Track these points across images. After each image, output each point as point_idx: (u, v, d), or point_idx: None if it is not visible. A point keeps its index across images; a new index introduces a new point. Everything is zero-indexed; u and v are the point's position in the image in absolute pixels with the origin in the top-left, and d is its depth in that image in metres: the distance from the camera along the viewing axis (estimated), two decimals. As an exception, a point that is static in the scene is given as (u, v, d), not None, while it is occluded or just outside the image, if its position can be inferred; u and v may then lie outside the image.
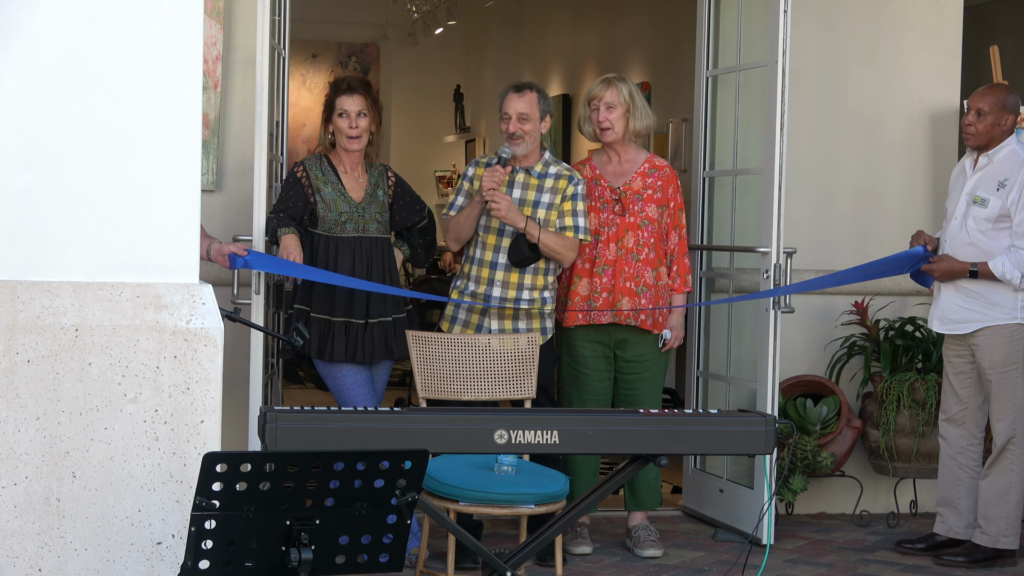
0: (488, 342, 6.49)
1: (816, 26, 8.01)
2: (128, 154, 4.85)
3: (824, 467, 7.55)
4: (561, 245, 6.78)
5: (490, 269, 6.83)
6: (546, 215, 6.82)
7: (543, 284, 6.86)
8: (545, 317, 6.90)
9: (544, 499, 5.76)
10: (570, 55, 13.76)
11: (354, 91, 6.72)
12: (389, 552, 4.43)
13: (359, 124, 6.71)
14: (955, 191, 7.09)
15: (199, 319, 4.81)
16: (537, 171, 6.88)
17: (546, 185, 6.86)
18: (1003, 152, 6.95)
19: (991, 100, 6.93)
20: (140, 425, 4.75)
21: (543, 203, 6.83)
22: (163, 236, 4.87)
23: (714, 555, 7.11)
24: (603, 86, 7.10)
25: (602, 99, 7.08)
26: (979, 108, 6.94)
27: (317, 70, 16.43)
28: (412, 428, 4.93)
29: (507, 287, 6.81)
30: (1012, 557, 7.01)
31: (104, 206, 4.82)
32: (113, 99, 4.83)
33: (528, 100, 6.84)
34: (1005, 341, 6.88)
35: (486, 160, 6.96)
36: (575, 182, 6.87)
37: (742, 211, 7.70)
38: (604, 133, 7.09)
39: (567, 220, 6.82)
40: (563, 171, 6.91)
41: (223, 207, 7.27)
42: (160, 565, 4.76)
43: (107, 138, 4.83)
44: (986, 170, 6.95)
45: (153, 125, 4.87)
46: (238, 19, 7.30)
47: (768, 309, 7.22)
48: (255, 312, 6.60)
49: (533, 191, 6.86)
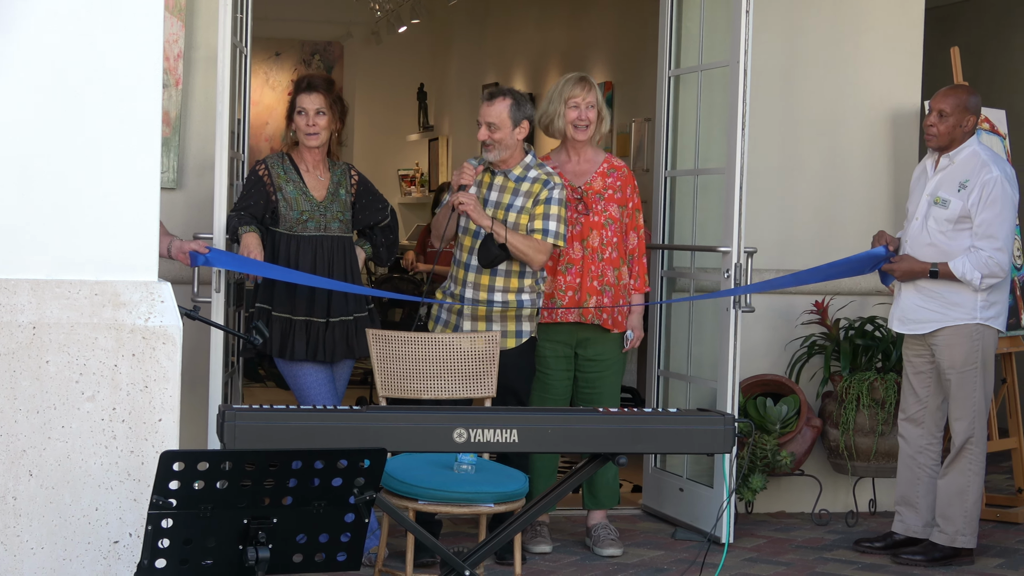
0: (450, 341, 6.49)
1: (778, 27, 8.04)
2: (87, 151, 4.83)
3: (783, 466, 7.58)
4: (528, 247, 6.77)
5: (464, 270, 6.84)
6: (516, 218, 6.81)
7: (517, 287, 6.84)
8: (523, 320, 6.89)
9: (503, 498, 5.76)
10: (534, 54, 13.77)
11: (313, 89, 6.72)
12: (347, 551, 4.43)
13: (317, 122, 6.70)
14: (916, 192, 7.12)
15: (158, 317, 4.80)
16: (515, 175, 6.88)
17: (522, 189, 6.85)
18: (964, 153, 6.98)
19: (953, 101, 6.96)
20: (98, 423, 4.73)
21: (515, 206, 6.83)
22: (122, 234, 4.85)
23: (673, 554, 7.13)
24: (581, 85, 7.12)
25: (584, 98, 7.10)
26: (941, 109, 6.96)
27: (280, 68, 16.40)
28: (371, 427, 4.93)
29: (478, 289, 6.81)
30: (969, 556, 7.05)
31: (62, 203, 4.80)
32: (72, 96, 4.81)
33: (498, 109, 6.82)
34: (965, 341, 6.92)
35: (475, 161, 6.98)
36: (551, 187, 6.85)
37: (704, 211, 7.72)
38: (579, 131, 7.10)
39: (537, 223, 6.82)
40: (541, 175, 6.89)
41: (184, 205, 7.25)
42: (117, 564, 4.74)
43: (66, 135, 4.81)
44: (947, 171, 6.98)
45: (112, 122, 4.85)
46: (200, 16, 7.28)
47: (729, 308, 7.24)
48: (215, 310, 6.59)
49: (508, 194, 6.86)
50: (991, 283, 6.85)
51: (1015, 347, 8.18)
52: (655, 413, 5.19)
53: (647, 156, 10.79)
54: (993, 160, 6.95)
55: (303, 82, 6.79)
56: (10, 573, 4.67)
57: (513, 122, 6.84)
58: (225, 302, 6.68)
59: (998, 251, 6.81)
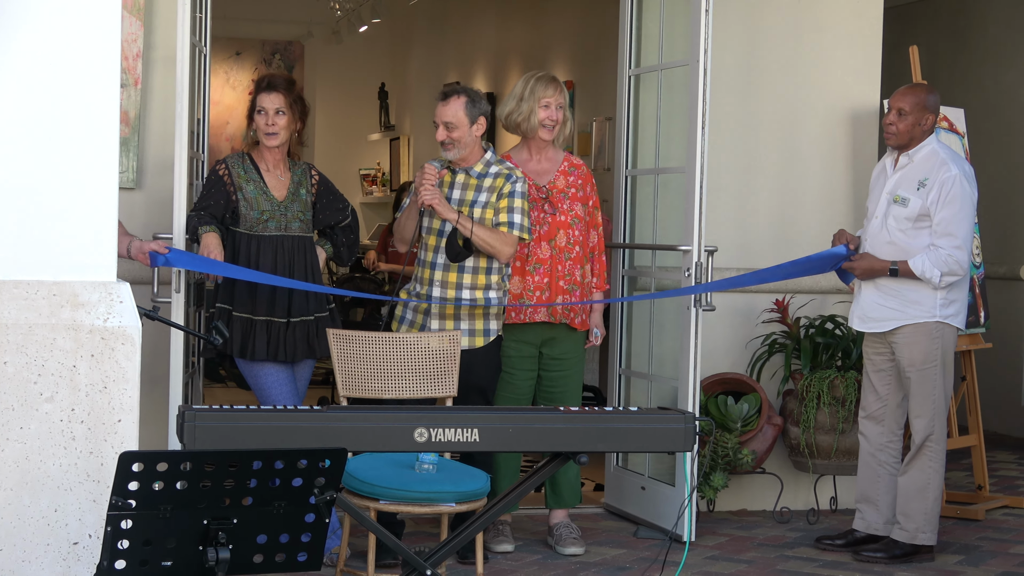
0: (412, 340, 6.48)
1: (737, 25, 8.05)
2: (45, 151, 4.81)
3: (745, 464, 7.60)
4: (495, 239, 6.77)
5: (430, 269, 6.83)
6: (481, 213, 6.81)
7: (484, 283, 6.84)
8: (490, 318, 6.88)
9: (465, 497, 5.76)
10: (495, 53, 13.77)
11: (273, 89, 6.70)
12: (307, 551, 4.42)
13: (276, 122, 6.69)
14: (876, 190, 7.14)
15: (116, 317, 4.78)
16: (476, 171, 6.87)
17: (485, 184, 6.86)
18: (923, 152, 7.00)
19: (912, 100, 6.99)
20: (56, 424, 4.71)
21: (479, 202, 6.83)
22: (80, 234, 4.83)
23: (635, 552, 7.13)
24: (555, 86, 7.15)
25: (556, 99, 7.12)
26: (900, 108, 6.99)
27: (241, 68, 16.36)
28: (332, 427, 4.92)
29: (446, 287, 6.80)
30: (930, 553, 7.07)
31: (20, 203, 4.78)
32: (29, 95, 4.79)
33: (453, 108, 6.81)
34: (924, 339, 6.94)
35: (437, 163, 6.97)
36: (513, 180, 6.86)
37: (664, 209, 7.73)
38: (549, 131, 7.12)
39: (502, 216, 6.82)
40: (503, 170, 6.90)
41: (143, 205, 7.22)
42: (77, 565, 4.72)
43: (23, 135, 4.79)
44: (906, 170, 7.01)
45: (70, 122, 4.83)
46: (159, 16, 7.25)
47: (689, 307, 7.25)
48: (175, 310, 6.57)
49: (472, 191, 6.85)
50: (950, 281, 6.88)
51: (974, 345, 8.22)
52: (616, 412, 5.20)
53: (608, 155, 10.80)
54: (952, 158, 6.98)
55: (263, 81, 6.78)
56: (-32, 575, 4.65)
57: (470, 119, 6.84)
58: (185, 302, 6.65)
59: (957, 249, 6.84)
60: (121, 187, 5.03)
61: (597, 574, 6.74)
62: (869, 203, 7.18)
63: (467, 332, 6.76)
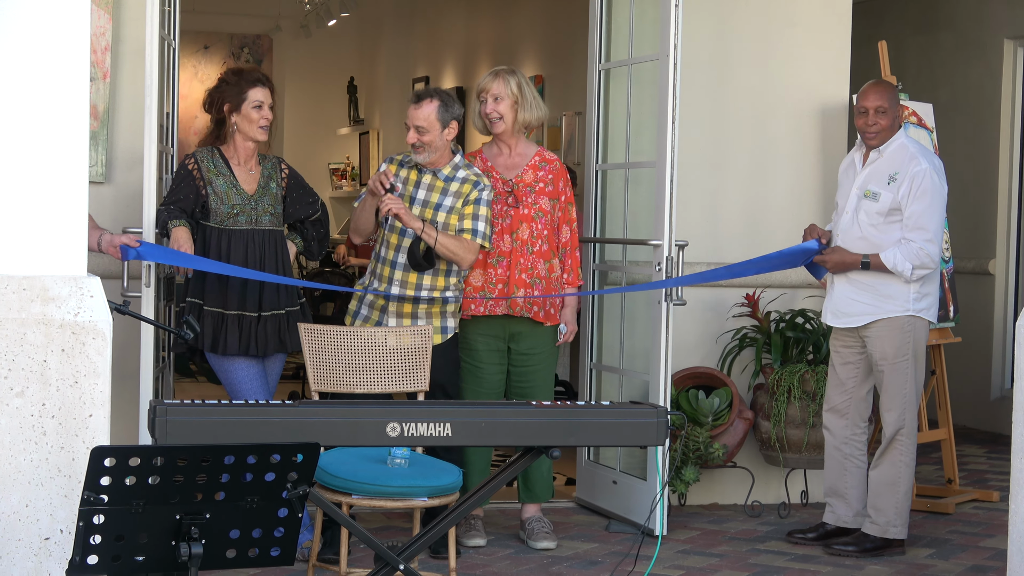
0: (383, 335, 6.46)
1: (707, 20, 8.06)
2: (13, 145, 4.78)
3: (716, 458, 7.61)
4: (458, 247, 6.77)
5: (391, 268, 6.82)
6: (446, 218, 6.80)
7: (443, 285, 6.84)
8: (447, 316, 6.89)
9: (437, 492, 5.75)
10: (464, 48, 13.76)
11: (266, 84, 6.75)
12: (280, 545, 4.41)
13: (269, 116, 6.73)
14: (845, 184, 7.15)
15: (87, 312, 4.75)
16: (444, 174, 6.86)
17: (451, 188, 6.84)
18: (893, 146, 7.02)
19: (887, 95, 7.01)
20: (27, 419, 4.68)
21: (444, 206, 6.82)
22: (50, 228, 4.80)
23: (607, 546, 7.14)
24: (491, 78, 7.13)
25: (490, 91, 7.11)
26: (879, 106, 6.98)
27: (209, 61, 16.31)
28: (304, 421, 4.90)
29: (405, 287, 6.80)
30: (901, 546, 7.10)
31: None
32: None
33: (426, 112, 6.79)
34: (897, 333, 6.96)
35: (400, 158, 6.94)
36: (480, 188, 6.86)
37: (634, 204, 7.73)
38: (493, 124, 7.11)
39: (466, 223, 6.82)
40: (471, 176, 6.89)
41: (112, 199, 7.19)
42: (48, 561, 4.70)
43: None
44: (876, 164, 7.02)
45: (38, 115, 4.80)
46: (127, 9, 7.22)
47: (660, 301, 7.25)
48: (145, 305, 6.54)
49: (437, 193, 6.84)
50: (922, 274, 6.90)
51: (944, 339, 8.25)
52: (588, 406, 5.19)
53: (578, 150, 10.80)
54: (921, 152, 7.00)
55: (253, 76, 6.76)
56: (-62, 571, 4.62)
57: (442, 124, 6.82)
58: (155, 296, 6.63)
59: (928, 242, 6.86)
60: (90, 181, 4.99)
61: (569, 568, 6.74)
62: (839, 197, 7.19)
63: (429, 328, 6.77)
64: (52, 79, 4.81)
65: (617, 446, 7.35)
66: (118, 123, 7.25)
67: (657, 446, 5.63)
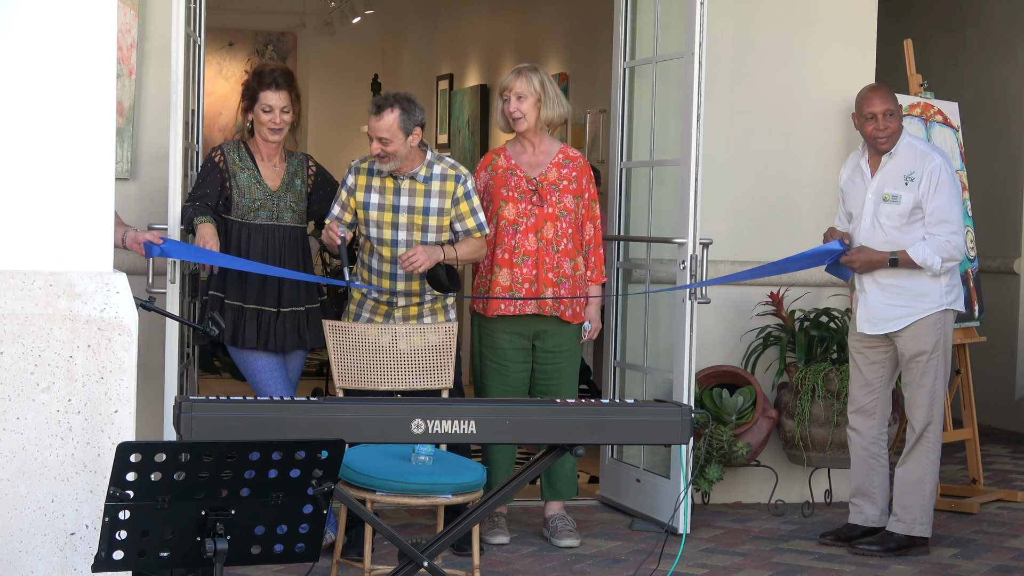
0: (405, 332, 6.47)
1: (732, 18, 8.05)
2: (41, 142, 4.79)
3: (740, 457, 7.60)
4: (473, 251, 6.81)
5: (391, 280, 6.78)
6: (438, 221, 6.77)
7: None
8: (449, 309, 6.89)
9: (461, 489, 5.75)
10: (487, 45, 13.76)
11: (280, 87, 6.69)
12: (305, 542, 4.41)
13: (283, 119, 6.71)
14: (855, 193, 7.10)
15: (113, 308, 4.76)
16: (422, 175, 6.74)
17: (433, 188, 6.76)
18: (901, 147, 7.01)
19: (891, 98, 7.02)
20: (53, 415, 4.69)
21: (433, 209, 6.75)
22: (76, 224, 4.81)
23: (631, 544, 7.13)
24: (514, 76, 7.10)
25: (512, 89, 7.08)
26: (887, 109, 6.97)
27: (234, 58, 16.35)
28: (329, 418, 4.92)
29: (410, 296, 6.78)
30: (925, 546, 7.08)
31: (15, 194, 4.76)
32: (25, 85, 4.77)
33: (387, 122, 6.60)
34: (931, 329, 6.95)
35: (366, 165, 6.80)
36: (462, 180, 6.78)
37: (659, 202, 7.72)
38: (516, 123, 7.09)
39: (468, 222, 6.79)
40: (448, 170, 6.78)
41: (138, 195, 7.21)
42: (74, 556, 4.71)
43: (19, 125, 4.77)
44: (888, 167, 7.01)
45: (66, 113, 4.81)
46: (153, 6, 7.24)
47: (685, 300, 7.24)
48: (171, 301, 6.55)
49: (421, 197, 6.76)
50: (950, 266, 6.92)
51: (969, 338, 8.23)
52: (612, 404, 5.19)
53: (602, 148, 10.79)
54: (931, 148, 7.06)
55: (268, 78, 6.73)
56: (-35, 566, 4.64)
57: (404, 132, 6.62)
58: (181, 293, 6.64)
59: (954, 234, 6.87)
60: (116, 178, 5.00)
61: (593, 566, 6.74)
62: (850, 207, 7.12)
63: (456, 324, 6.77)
64: (78, 76, 4.82)
65: (641, 444, 7.35)
66: (143, 120, 7.27)
67: (681, 444, 5.64)
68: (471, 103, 13.66)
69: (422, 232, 6.73)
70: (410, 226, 6.73)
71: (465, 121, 13.90)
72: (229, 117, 15.80)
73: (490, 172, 7.11)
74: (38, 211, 4.79)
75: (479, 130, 13.45)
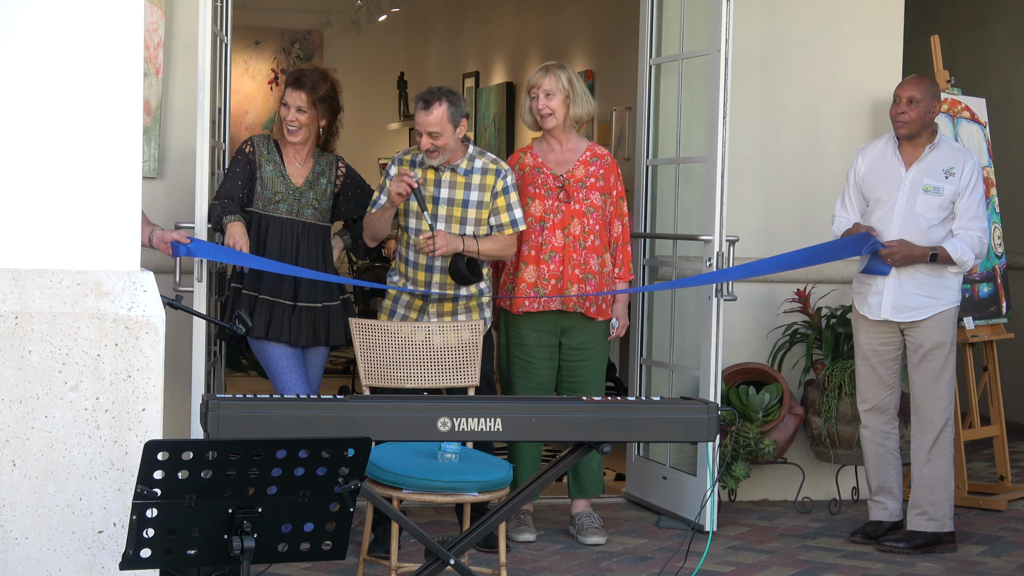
0: (431, 330, 6.48)
1: (758, 15, 8.04)
2: (68, 141, 4.81)
3: (766, 454, 7.59)
4: (499, 247, 6.80)
5: (426, 272, 6.79)
6: (477, 214, 6.78)
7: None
8: (484, 308, 6.90)
9: (487, 487, 5.75)
10: (514, 43, 13.76)
11: (299, 87, 6.74)
12: (332, 540, 4.43)
13: (297, 119, 6.74)
14: (881, 179, 7.07)
15: (140, 307, 4.78)
16: (463, 168, 6.79)
17: (473, 182, 6.80)
18: (943, 142, 7.06)
19: (923, 89, 7.01)
20: (81, 413, 4.71)
21: (472, 202, 6.78)
22: (103, 223, 4.83)
23: (657, 542, 7.13)
24: (542, 74, 7.10)
25: (541, 87, 7.08)
26: (911, 96, 6.99)
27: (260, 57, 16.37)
28: (355, 416, 4.92)
29: (445, 287, 6.79)
30: (952, 543, 7.06)
31: (43, 193, 4.78)
32: (53, 85, 4.79)
33: (437, 116, 6.63)
34: (947, 324, 7.00)
35: (409, 157, 6.87)
36: (503, 175, 6.82)
37: (685, 199, 7.72)
38: (544, 120, 7.09)
39: (503, 217, 6.80)
40: (489, 164, 6.82)
41: (165, 194, 7.23)
42: (102, 554, 4.73)
43: (47, 125, 4.79)
44: (930, 158, 7.01)
45: (94, 111, 4.82)
46: (180, 5, 7.26)
47: (711, 297, 7.24)
48: (197, 300, 6.57)
49: (461, 189, 6.79)
50: (977, 263, 7.03)
51: (996, 335, 8.20)
52: (639, 402, 5.19)
53: (628, 145, 10.78)
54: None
55: (291, 77, 6.82)
56: (-6, 564, 4.66)
57: (453, 124, 6.67)
58: (207, 291, 6.66)
59: (985, 231, 7.00)
60: (143, 176, 5.01)
61: (619, 564, 6.74)
62: (877, 194, 7.09)
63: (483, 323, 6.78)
64: (106, 74, 4.84)
65: (668, 442, 7.35)
66: (170, 119, 7.29)
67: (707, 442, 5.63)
68: (497, 101, 13.66)
69: (460, 224, 6.75)
70: (449, 218, 6.74)
71: (491, 119, 13.90)
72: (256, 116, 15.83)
73: (517, 171, 7.11)
74: (65, 210, 4.81)
75: (505, 128, 13.44)
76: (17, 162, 4.77)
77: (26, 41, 4.77)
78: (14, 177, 4.77)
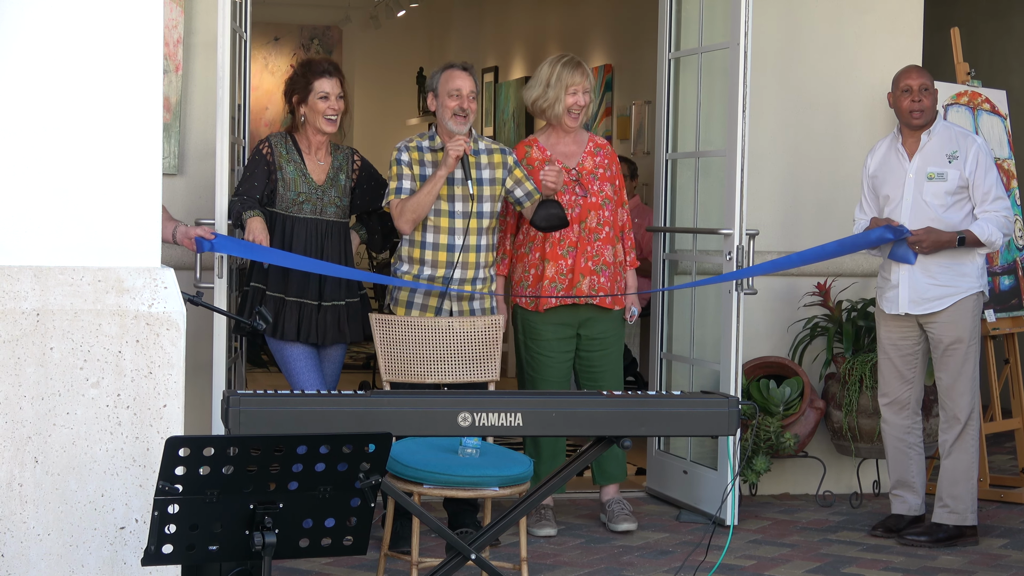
0: (451, 325, 6.48)
1: (777, 7, 8.02)
2: (89, 137, 4.82)
3: (787, 448, 7.58)
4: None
5: (448, 252, 6.79)
6: (491, 191, 6.82)
7: (491, 260, 6.88)
8: (493, 296, 6.92)
9: (508, 481, 5.75)
10: (532, 38, 13.76)
11: (332, 74, 6.75)
12: (353, 535, 4.43)
13: (339, 107, 6.74)
14: (891, 176, 7.06)
15: (161, 303, 4.79)
16: (472, 148, 6.86)
17: (483, 161, 6.85)
18: (938, 127, 7.05)
19: (928, 75, 7.04)
20: (102, 410, 4.72)
21: (485, 179, 6.82)
22: (124, 219, 4.84)
23: (678, 536, 7.13)
24: (578, 71, 7.12)
25: (583, 85, 7.11)
26: (923, 83, 7.00)
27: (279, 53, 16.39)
28: (376, 411, 4.93)
29: (467, 267, 6.80)
30: (974, 536, 7.05)
31: (64, 190, 4.79)
32: (73, 82, 4.80)
33: (473, 80, 6.82)
34: (968, 313, 6.96)
35: (415, 144, 6.87)
36: (507, 152, 6.94)
37: (705, 193, 7.71)
38: (575, 117, 7.11)
39: (528, 185, 6.87)
40: (492, 144, 6.95)
41: (185, 190, 7.24)
42: (124, 550, 4.74)
43: (67, 121, 4.80)
44: (929, 146, 7.01)
45: (114, 108, 4.83)
46: (199, 2, 7.27)
47: (731, 291, 7.23)
48: (218, 296, 6.59)
49: (474, 169, 6.82)
50: (1004, 243, 7.03)
51: (1018, 327, 8.18)
52: (659, 396, 5.19)
53: (647, 139, 10.78)
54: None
55: (320, 66, 6.78)
56: (17, 559, 4.67)
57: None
58: (228, 287, 6.67)
59: (1008, 210, 6.96)
60: (163, 173, 5.02)
61: (640, 558, 6.74)
62: (887, 191, 7.06)
63: (479, 311, 6.79)
64: (126, 71, 4.85)
65: (688, 436, 7.33)
66: (190, 115, 7.30)
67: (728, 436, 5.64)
68: (516, 96, 13.67)
69: (477, 202, 6.76)
70: (465, 197, 6.76)
71: (511, 114, 13.90)
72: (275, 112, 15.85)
73: (525, 164, 7.11)
74: (86, 207, 4.82)
75: (524, 122, 13.44)
76: (38, 160, 4.78)
77: (44, 40, 4.78)
78: (35, 175, 4.78)
